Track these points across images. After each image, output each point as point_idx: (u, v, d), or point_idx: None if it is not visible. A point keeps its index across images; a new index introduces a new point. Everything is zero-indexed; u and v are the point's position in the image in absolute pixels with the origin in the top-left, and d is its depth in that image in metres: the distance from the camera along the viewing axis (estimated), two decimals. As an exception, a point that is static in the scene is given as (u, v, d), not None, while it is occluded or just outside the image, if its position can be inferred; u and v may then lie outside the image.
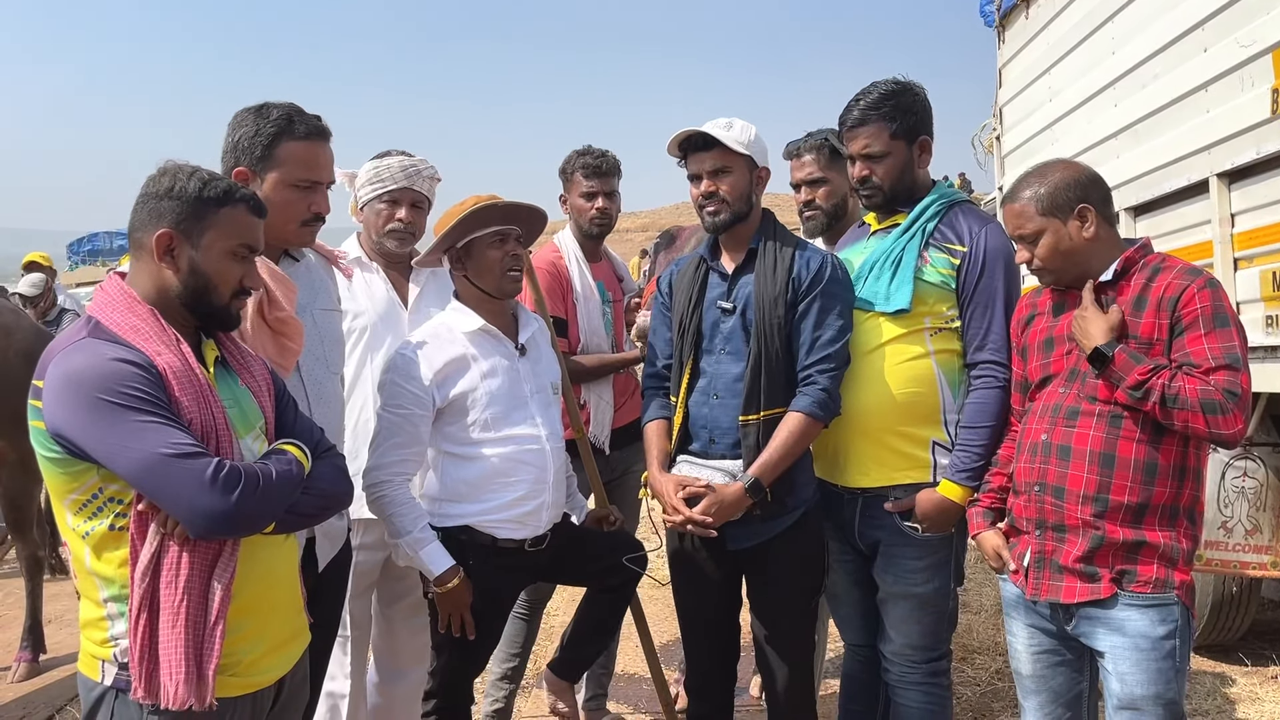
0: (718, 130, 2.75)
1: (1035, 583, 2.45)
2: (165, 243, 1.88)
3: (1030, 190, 2.46)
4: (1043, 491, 2.43)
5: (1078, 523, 2.37)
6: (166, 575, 1.78)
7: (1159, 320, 2.31)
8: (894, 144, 2.77)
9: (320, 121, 2.45)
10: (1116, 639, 2.35)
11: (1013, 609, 2.59)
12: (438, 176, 3.26)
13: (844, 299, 2.75)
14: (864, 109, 2.78)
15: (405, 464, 2.76)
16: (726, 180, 2.77)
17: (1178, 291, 2.30)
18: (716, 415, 2.78)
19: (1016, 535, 2.54)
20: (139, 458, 1.73)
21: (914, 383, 2.73)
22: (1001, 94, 6.61)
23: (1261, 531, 4.03)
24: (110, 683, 1.84)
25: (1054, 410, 2.44)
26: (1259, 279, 3.74)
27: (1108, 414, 2.36)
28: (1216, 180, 3.93)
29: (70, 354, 1.79)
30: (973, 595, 5.60)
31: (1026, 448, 2.49)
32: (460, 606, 2.72)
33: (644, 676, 4.42)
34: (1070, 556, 2.38)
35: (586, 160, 3.78)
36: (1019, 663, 2.59)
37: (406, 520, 2.71)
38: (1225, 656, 4.57)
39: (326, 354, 2.55)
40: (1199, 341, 2.26)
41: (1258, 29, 3.66)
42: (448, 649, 2.82)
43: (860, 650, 3.02)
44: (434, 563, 2.70)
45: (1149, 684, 2.32)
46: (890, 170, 2.79)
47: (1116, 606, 2.35)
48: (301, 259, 2.59)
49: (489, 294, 2.85)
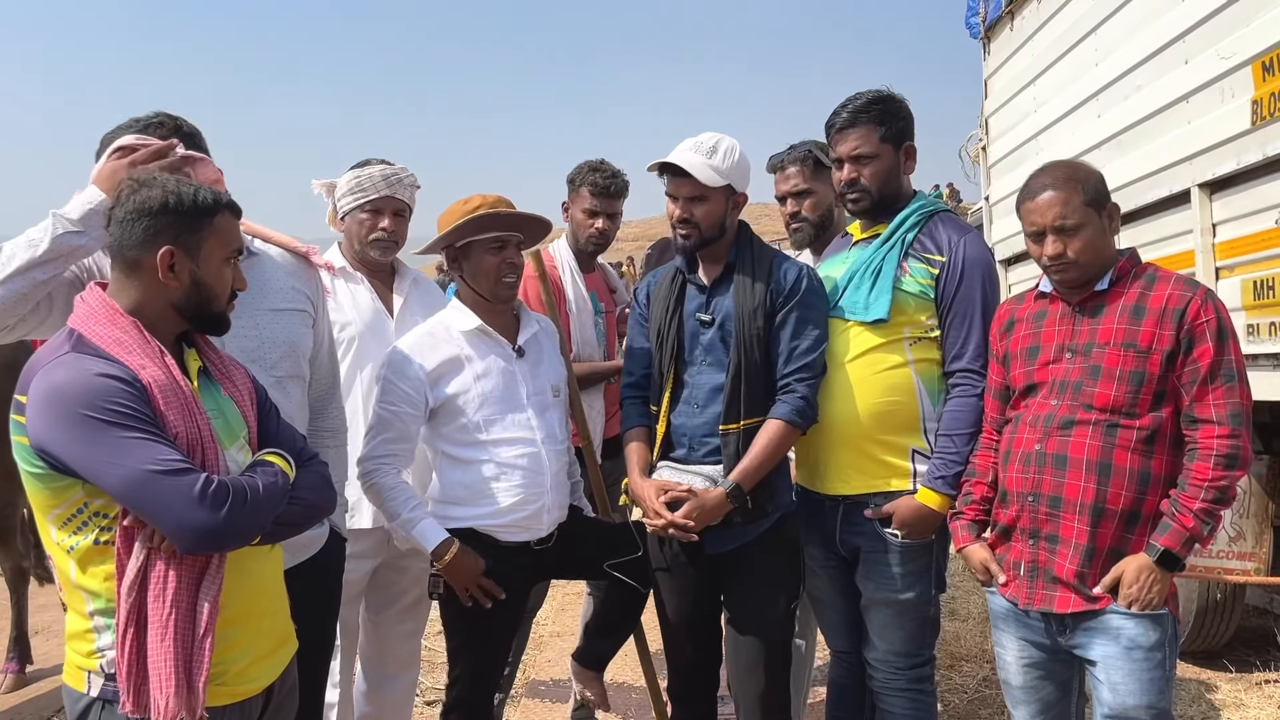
0: (698, 159, 2.75)
1: (1029, 593, 2.46)
2: (168, 260, 1.88)
3: (1070, 180, 2.42)
4: (1037, 501, 2.43)
5: (1072, 532, 2.38)
6: (154, 589, 1.78)
7: (1161, 330, 2.33)
8: (883, 147, 2.80)
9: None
10: (1110, 648, 2.36)
11: (1001, 621, 2.59)
12: (418, 184, 3.25)
13: (820, 309, 2.78)
14: (853, 111, 2.80)
15: (394, 456, 2.77)
16: (701, 208, 2.77)
17: (1182, 303, 2.33)
18: (697, 425, 2.80)
19: (1005, 545, 2.55)
20: (126, 474, 1.72)
21: (893, 391, 2.75)
22: (987, 105, 6.67)
23: (1245, 538, 4.05)
24: (96, 694, 1.84)
25: (1046, 420, 2.44)
26: (1240, 288, 3.77)
27: (1103, 423, 2.37)
28: (1198, 190, 3.97)
29: (53, 369, 1.78)
30: (960, 603, 5.62)
31: (1017, 458, 2.48)
32: (470, 575, 2.71)
33: (633, 685, 4.43)
34: (1064, 566, 2.39)
35: (597, 179, 3.76)
36: (1008, 674, 2.60)
37: (397, 503, 2.72)
38: (1210, 663, 4.60)
39: (266, 355, 2.45)
40: (1206, 395, 2.31)
41: (1238, 41, 3.71)
42: (463, 655, 2.80)
43: (846, 657, 3.03)
44: (427, 538, 2.70)
45: (1141, 694, 2.34)
46: (878, 173, 2.81)
47: (1110, 616, 2.36)
48: (255, 255, 2.51)
49: (484, 296, 2.85)
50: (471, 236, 2.79)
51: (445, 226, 2.81)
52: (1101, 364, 2.39)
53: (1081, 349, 2.43)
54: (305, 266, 2.67)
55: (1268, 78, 3.55)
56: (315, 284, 2.71)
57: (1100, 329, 2.42)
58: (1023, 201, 2.49)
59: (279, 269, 2.58)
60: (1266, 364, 3.67)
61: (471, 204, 2.81)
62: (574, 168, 3.86)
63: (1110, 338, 2.39)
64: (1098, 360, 2.40)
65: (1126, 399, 2.35)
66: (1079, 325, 2.46)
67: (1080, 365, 2.42)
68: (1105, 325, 2.41)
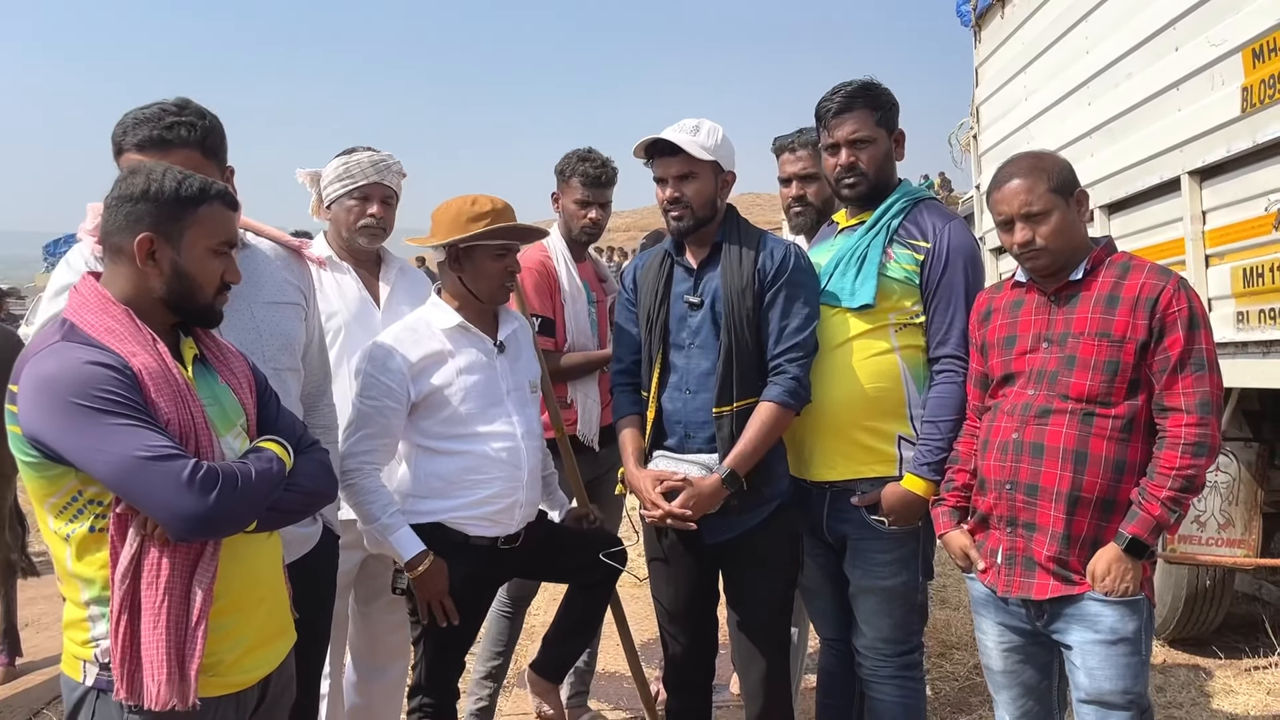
0: (684, 136, 2.76)
1: (1007, 580, 2.48)
2: (146, 247, 1.86)
3: (1035, 169, 2.46)
4: (1014, 489, 2.45)
5: (1049, 520, 2.40)
6: (147, 576, 1.78)
7: (1135, 320, 2.35)
8: (878, 131, 2.82)
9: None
10: (1087, 634, 2.38)
11: (982, 607, 2.62)
12: (404, 172, 3.24)
13: (809, 287, 2.78)
14: (847, 96, 2.81)
15: (375, 454, 2.76)
16: (691, 186, 2.77)
17: (1154, 293, 2.35)
18: (690, 409, 2.80)
19: (984, 532, 2.57)
20: (114, 461, 1.72)
21: (879, 378, 2.76)
22: (978, 93, 6.67)
23: (1234, 525, 4.08)
24: (92, 683, 1.84)
25: (1024, 409, 2.46)
26: (1229, 275, 3.78)
27: (1080, 412, 2.39)
28: (1188, 178, 3.97)
29: (44, 358, 1.78)
30: (951, 591, 5.64)
31: (995, 446, 2.50)
32: (436, 591, 2.72)
33: (624, 675, 4.42)
34: (1042, 553, 2.41)
35: (587, 169, 3.73)
36: (989, 659, 2.63)
37: (375, 507, 2.72)
38: (1199, 650, 4.63)
39: (264, 349, 2.44)
40: (1175, 384, 2.33)
41: (1228, 28, 3.71)
42: (425, 644, 2.83)
43: (836, 645, 3.04)
44: (403, 548, 2.70)
45: (1118, 679, 2.36)
46: (874, 157, 2.82)
47: (1087, 602, 2.38)
48: (245, 247, 2.49)
49: (478, 299, 2.85)
50: (482, 241, 2.79)
51: (446, 223, 2.80)
52: (1077, 354, 2.41)
53: (1057, 339, 2.45)
54: (296, 260, 2.66)
55: (1258, 64, 3.55)
56: (307, 278, 2.69)
57: (1075, 319, 2.43)
58: (991, 192, 2.52)
59: (270, 262, 2.56)
60: (1256, 351, 3.68)
61: (480, 206, 2.79)
62: (562, 158, 3.82)
63: (1085, 327, 2.41)
64: (1073, 350, 2.41)
65: (1102, 388, 2.38)
66: (1055, 315, 2.47)
67: (1056, 355, 2.44)
68: (1080, 315, 2.43)
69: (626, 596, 3.67)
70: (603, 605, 3.20)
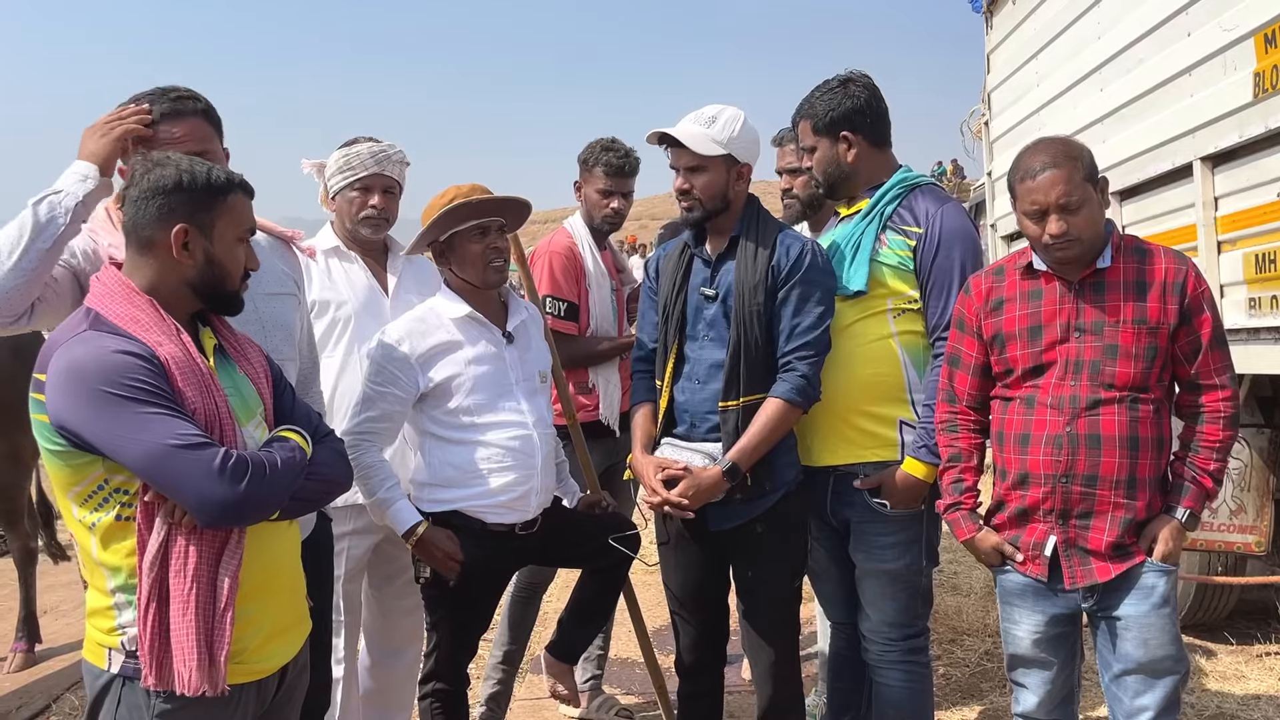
0: (695, 128, 2.76)
1: (1069, 571, 2.48)
2: (182, 238, 1.90)
3: (1068, 156, 2.41)
4: (1070, 482, 2.45)
5: (1108, 506, 2.44)
6: (175, 564, 1.80)
7: (1166, 304, 2.40)
8: (818, 140, 2.88)
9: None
10: (1143, 605, 2.44)
11: (1016, 598, 2.59)
12: (407, 161, 3.25)
13: (824, 285, 2.77)
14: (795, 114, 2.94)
15: (377, 435, 2.80)
16: (700, 179, 2.77)
17: (1180, 277, 2.42)
18: (697, 400, 2.82)
19: (1019, 528, 2.54)
20: (146, 449, 1.75)
21: (878, 363, 2.78)
22: (990, 79, 6.63)
23: (1246, 511, 4.08)
24: (117, 670, 1.86)
25: (1071, 402, 2.44)
26: (1242, 261, 3.77)
27: (1126, 399, 2.42)
28: (1200, 164, 3.95)
29: (72, 346, 1.80)
30: (962, 578, 5.65)
31: (1043, 440, 2.47)
32: (441, 555, 2.75)
33: (637, 660, 4.45)
34: (1101, 540, 2.45)
35: (610, 159, 3.75)
36: (1019, 647, 2.60)
37: (374, 482, 2.76)
38: (1211, 635, 4.63)
39: (268, 339, 2.46)
40: (1209, 362, 2.44)
41: (1240, 13, 3.69)
42: (440, 629, 2.87)
43: (844, 628, 3.06)
44: (401, 519, 2.75)
45: (1171, 644, 2.45)
46: (818, 162, 2.90)
47: (1146, 575, 2.44)
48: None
49: (473, 285, 2.87)
50: (453, 228, 2.81)
51: (426, 223, 2.83)
52: (1118, 342, 2.42)
53: (1091, 327, 2.44)
54: (286, 250, 2.70)
55: (1270, 50, 3.53)
56: (298, 267, 2.75)
57: (1108, 306, 2.43)
58: (1021, 180, 2.45)
59: (267, 254, 2.58)
60: (1269, 337, 3.67)
61: (446, 196, 2.82)
62: (585, 147, 3.86)
63: (1120, 315, 2.42)
64: (1112, 339, 2.42)
65: (1143, 374, 2.42)
66: (1083, 303, 2.46)
67: (1093, 344, 2.44)
68: (1113, 302, 2.43)
69: (639, 583, 3.69)
70: (617, 589, 3.23)
